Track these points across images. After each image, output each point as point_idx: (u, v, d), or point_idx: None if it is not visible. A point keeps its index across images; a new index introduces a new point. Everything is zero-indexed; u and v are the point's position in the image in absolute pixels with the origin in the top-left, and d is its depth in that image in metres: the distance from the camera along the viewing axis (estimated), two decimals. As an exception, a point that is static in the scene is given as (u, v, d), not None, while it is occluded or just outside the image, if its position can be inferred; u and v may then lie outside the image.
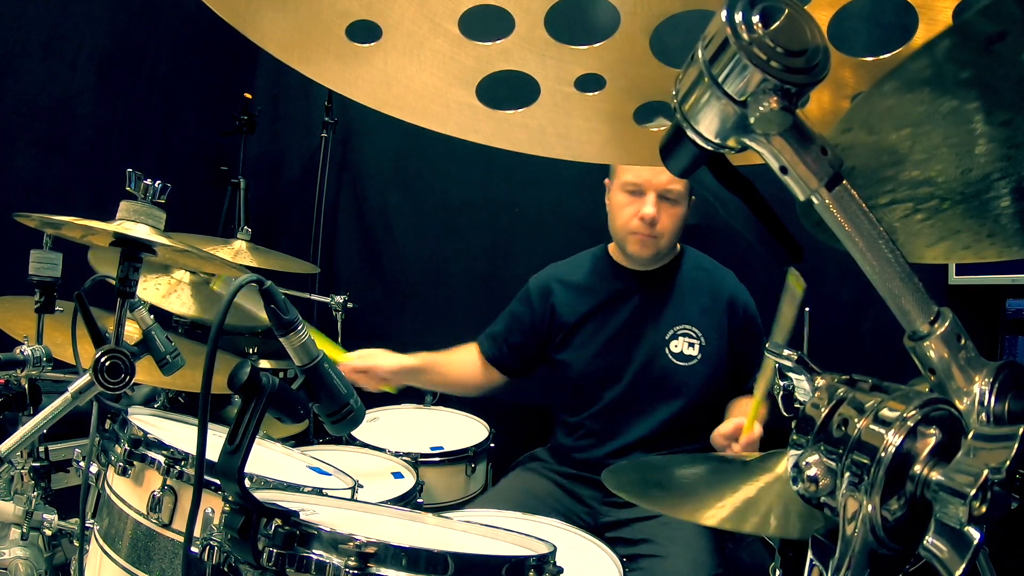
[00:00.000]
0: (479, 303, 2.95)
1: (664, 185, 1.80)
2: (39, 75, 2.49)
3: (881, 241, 0.47)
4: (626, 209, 1.85)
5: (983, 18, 0.43)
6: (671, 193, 1.81)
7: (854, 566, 0.44)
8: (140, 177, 1.09)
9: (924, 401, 0.44)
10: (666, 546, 1.62)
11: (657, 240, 1.85)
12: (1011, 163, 0.55)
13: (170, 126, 3.04)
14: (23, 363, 1.37)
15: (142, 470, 1.17)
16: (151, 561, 1.12)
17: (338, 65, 0.70)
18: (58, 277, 1.49)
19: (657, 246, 1.86)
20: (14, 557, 1.34)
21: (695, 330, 1.87)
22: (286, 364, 2.72)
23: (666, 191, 1.81)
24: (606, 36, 0.68)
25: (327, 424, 0.92)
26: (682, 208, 1.86)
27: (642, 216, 1.81)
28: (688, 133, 0.49)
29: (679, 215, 1.85)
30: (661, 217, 1.82)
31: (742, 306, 1.91)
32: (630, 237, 1.87)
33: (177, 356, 1.21)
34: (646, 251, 1.87)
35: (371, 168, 3.22)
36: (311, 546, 0.80)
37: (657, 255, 1.89)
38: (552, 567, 0.94)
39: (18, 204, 1.27)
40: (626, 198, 1.85)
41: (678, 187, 1.81)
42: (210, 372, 0.77)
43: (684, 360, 1.86)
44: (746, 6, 0.44)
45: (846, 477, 0.45)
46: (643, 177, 1.81)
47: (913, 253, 0.69)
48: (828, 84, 0.66)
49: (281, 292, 0.87)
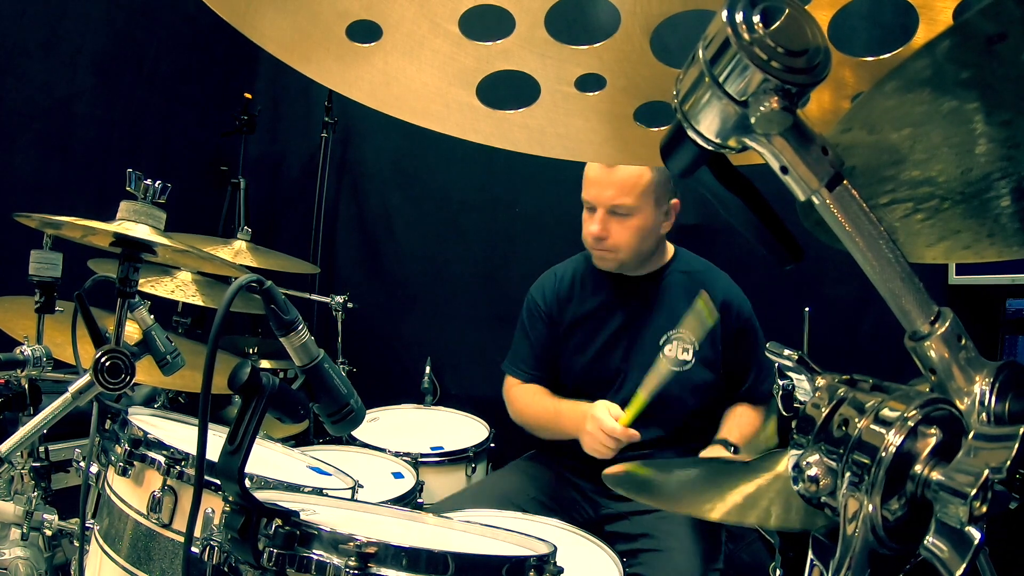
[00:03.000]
0: (479, 303, 2.96)
1: (610, 201, 1.78)
2: (39, 75, 2.49)
3: (881, 241, 0.47)
4: (585, 225, 1.86)
5: (983, 18, 0.43)
6: (620, 208, 1.79)
7: (854, 566, 0.44)
8: (140, 177, 1.08)
9: (924, 401, 0.44)
10: (666, 540, 1.63)
11: (616, 254, 1.84)
12: (1011, 163, 0.55)
13: (170, 126, 3.04)
14: (23, 363, 1.37)
15: (142, 470, 1.17)
16: (151, 561, 1.12)
17: (338, 65, 0.70)
18: (58, 277, 1.48)
19: (618, 259, 1.85)
20: (14, 557, 1.34)
21: (689, 335, 1.87)
22: (286, 364, 2.73)
23: (614, 207, 1.79)
24: (606, 36, 0.68)
25: (327, 424, 0.92)
26: (639, 219, 1.80)
27: (589, 234, 1.83)
28: (689, 133, 0.49)
29: (635, 227, 1.81)
30: (612, 232, 1.81)
31: (736, 309, 1.90)
32: (591, 252, 1.89)
33: (177, 356, 1.21)
34: (605, 265, 1.88)
35: (371, 168, 3.23)
36: (311, 546, 0.80)
37: (623, 266, 1.88)
38: (552, 567, 0.94)
39: (18, 204, 1.27)
40: (585, 214, 1.86)
41: (628, 200, 1.77)
42: (210, 372, 0.77)
43: (678, 365, 1.86)
44: (747, 6, 0.44)
45: (847, 477, 0.45)
46: (591, 194, 1.82)
47: (913, 253, 0.69)
48: (828, 84, 0.66)
49: (281, 292, 0.87)
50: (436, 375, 2.72)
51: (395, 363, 3.07)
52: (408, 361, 2.91)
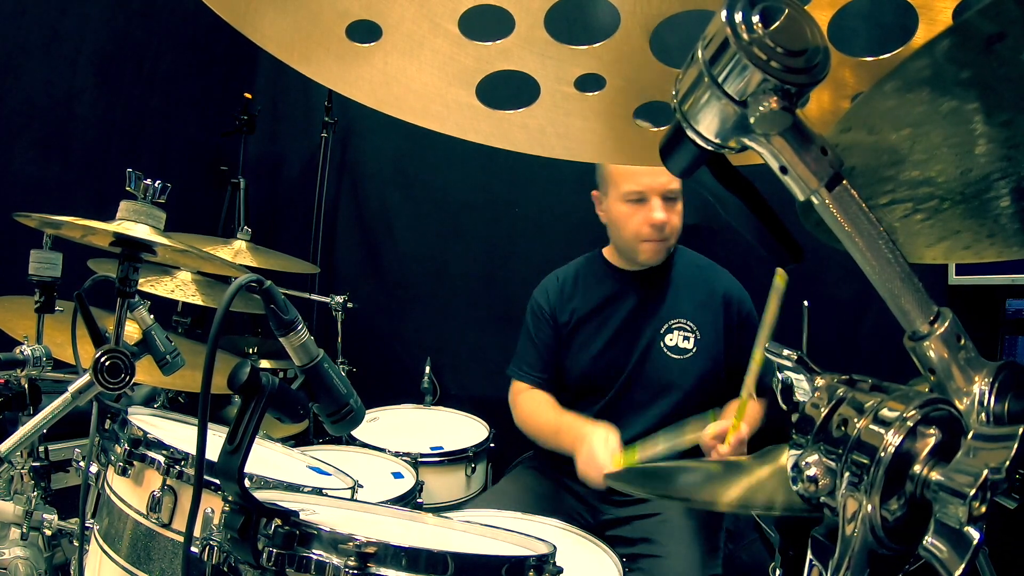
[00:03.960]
0: (479, 303, 2.95)
1: (665, 186, 1.80)
2: (39, 75, 2.49)
3: (881, 241, 0.47)
4: (633, 218, 1.83)
5: (983, 18, 0.43)
6: (671, 192, 1.81)
7: (854, 566, 0.44)
8: (140, 177, 1.09)
9: (924, 401, 0.44)
10: (666, 545, 1.62)
11: (669, 241, 1.86)
12: (1011, 163, 0.55)
13: (170, 126, 3.03)
14: (23, 363, 1.37)
15: (142, 470, 1.17)
16: (151, 561, 1.12)
17: (338, 65, 0.70)
18: (58, 277, 1.48)
19: (668, 247, 1.88)
20: (14, 557, 1.34)
21: (690, 323, 1.87)
22: (286, 364, 2.72)
23: (667, 192, 1.81)
24: (606, 36, 0.68)
25: (327, 424, 0.92)
26: (681, 203, 1.86)
27: (653, 223, 1.80)
28: (688, 133, 0.49)
29: (680, 211, 1.86)
30: (670, 218, 1.83)
31: (737, 302, 1.91)
32: (642, 245, 1.85)
33: (177, 356, 1.22)
34: (659, 256, 1.88)
35: (371, 168, 3.22)
36: (311, 546, 0.80)
37: (667, 254, 1.90)
38: (552, 567, 0.94)
39: (18, 204, 1.27)
40: (629, 208, 1.84)
41: (676, 185, 1.81)
42: (210, 372, 0.77)
43: (679, 353, 1.86)
44: (746, 6, 0.44)
45: (846, 477, 0.45)
46: (643, 183, 1.80)
47: (913, 253, 0.69)
48: (828, 84, 0.66)
49: (281, 292, 0.87)
50: (436, 375, 2.72)
51: (395, 363, 3.07)
52: (408, 361, 2.91)
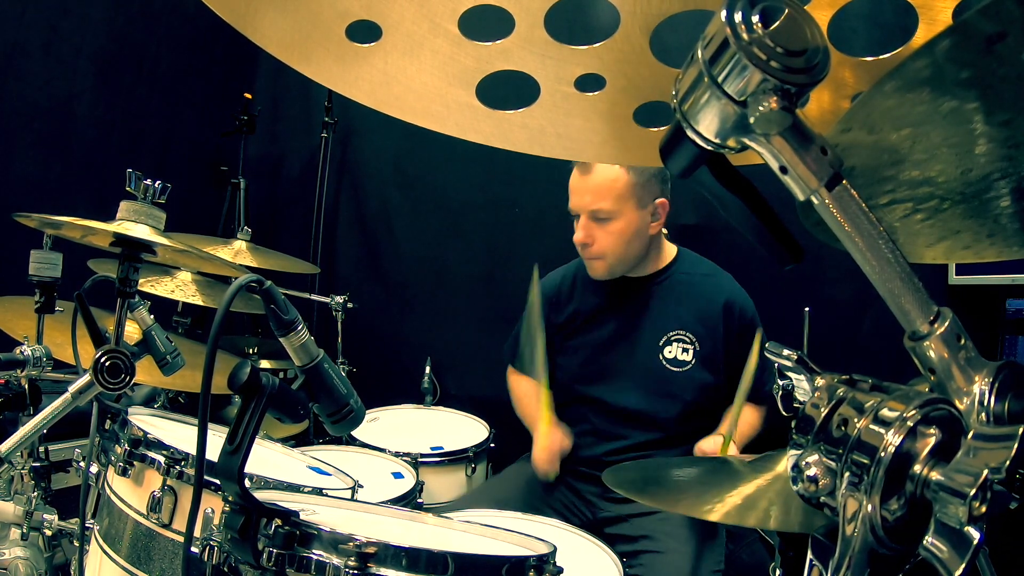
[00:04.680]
0: (479, 303, 2.95)
1: (588, 206, 1.80)
2: (39, 75, 2.49)
3: (881, 241, 0.47)
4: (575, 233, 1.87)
5: (983, 18, 0.43)
6: (600, 213, 1.79)
7: (854, 566, 0.44)
8: (140, 177, 1.08)
9: (924, 401, 0.44)
10: (665, 542, 1.63)
11: (603, 260, 1.85)
12: (1011, 163, 0.55)
13: (170, 126, 3.04)
14: (23, 363, 1.37)
15: (142, 470, 1.17)
16: (151, 561, 1.12)
17: (338, 65, 0.70)
18: (58, 277, 1.48)
19: (606, 265, 1.86)
20: (14, 557, 1.34)
21: (689, 335, 1.86)
22: (286, 364, 2.73)
23: (594, 212, 1.80)
24: (606, 36, 0.68)
25: (327, 424, 0.92)
26: (621, 222, 1.80)
27: (575, 240, 1.85)
28: (688, 133, 0.49)
29: (618, 231, 1.80)
30: (596, 238, 1.82)
31: (739, 310, 1.89)
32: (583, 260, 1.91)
33: (177, 356, 1.22)
34: (596, 272, 1.89)
35: (371, 168, 3.23)
36: (311, 546, 0.80)
37: (613, 271, 1.88)
38: (552, 567, 0.94)
39: (18, 204, 1.27)
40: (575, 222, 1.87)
41: (605, 204, 1.78)
42: (210, 372, 0.77)
43: (678, 366, 1.86)
44: (746, 6, 0.44)
45: (846, 477, 0.45)
46: (572, 202, 1.84)
47: (913, 253, 0.69)
48: (828, 84, 0.66)
49: (281, 292, 0.87)
50: (436, 375, 2.72)
51: (395, 363, 3.07)
52: (408, 361, 2.91)
